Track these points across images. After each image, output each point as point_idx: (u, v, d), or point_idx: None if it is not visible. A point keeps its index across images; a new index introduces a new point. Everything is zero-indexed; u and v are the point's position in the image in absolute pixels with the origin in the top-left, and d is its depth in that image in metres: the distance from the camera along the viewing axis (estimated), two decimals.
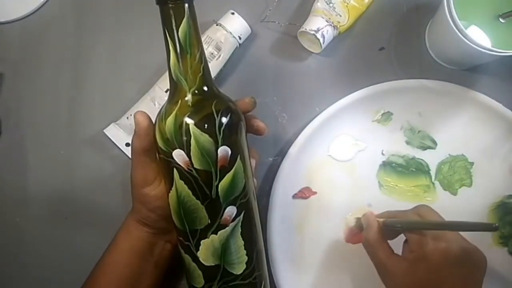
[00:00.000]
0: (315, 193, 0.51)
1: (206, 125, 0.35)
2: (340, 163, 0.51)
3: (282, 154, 0.50)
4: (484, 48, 0.43)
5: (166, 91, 0.49)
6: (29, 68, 0.54)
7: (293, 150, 0.49)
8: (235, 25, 0.49)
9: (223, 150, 0.36)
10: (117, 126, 0.51)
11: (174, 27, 0.36)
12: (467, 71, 0.52)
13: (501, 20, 0.44)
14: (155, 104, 0.49)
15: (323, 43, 0.50)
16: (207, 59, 0.48)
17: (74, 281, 0.43)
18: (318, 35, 0.49)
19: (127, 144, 0.50)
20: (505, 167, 0.50)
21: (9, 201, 0.53)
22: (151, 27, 0.54)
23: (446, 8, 0.43)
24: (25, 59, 0.55)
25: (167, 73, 0.50)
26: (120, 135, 0.50)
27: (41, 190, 0.52)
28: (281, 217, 0.49)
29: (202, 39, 0.49)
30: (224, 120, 0.36)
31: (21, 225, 0.52)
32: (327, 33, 0.49)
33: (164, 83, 0.50)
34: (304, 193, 0.51)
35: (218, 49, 0.49)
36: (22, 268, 0.52)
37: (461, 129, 0.51)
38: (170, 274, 0.46)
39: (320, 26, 0.49)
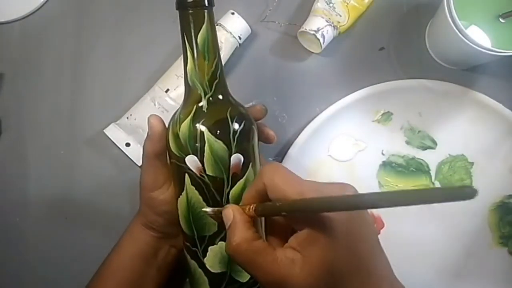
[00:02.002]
0: None
1: (220, 132, 0.35)
2: (340, 163, 0.51)
3: (282, 154, 0.50)
4: (484, 48, 0.43)
5: (166, 91, 0.49)
6: (29, 68, 0.54)
7: (293, 150, 0.49)
8: (235, 25, 0.49)
9: (236, 158, 0.36)
10: (117, 126, 0.51)
11: (193, 33, 0.35)
12: (467, 71, 0.52)
13: (501, 20, 0.44)
14: (155, 104, 0.49)
15: (323, 43, 0.50)
16: None
17: (74, 281, 0.43)
18: (318, 35, 0.49)
19: (127, 144, 0.50)
20: (505, 167, 0.50)
21: (9, 201, 0.53)
22: (151, 27, 0.54)
23: (446, 8, 0.43)
24: (25, 59, 0.55)
25: (167, 73, 0.50)
26: (120, 135, 0.50)
27: (41, 190, 0.52)
28: None
29: None
30: (238, 127, 0.36)
31: (21, 225, 0.52)
32: (327, 33, 0.49)
33: (164, 83, 0.50)
34: None
35: None
36: (22, 268, 0.52)
37: (461, 129, 0.51)
38: (173, 279, 0.46)
39: (320, 26, 0.49)
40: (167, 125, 0.38)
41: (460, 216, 0.50)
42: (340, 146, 0.51)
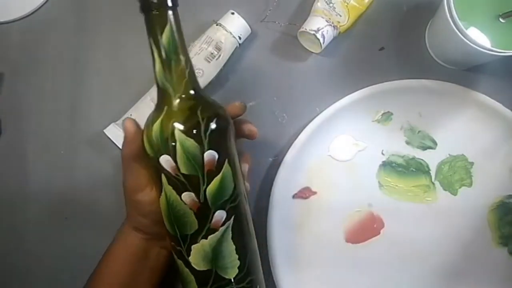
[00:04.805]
0: (315, 193, 0.51)
1: (191, 130, 0.35)
2: (340, 163, 0.51)
3: (282, 154, 0.50)
4: (484, 48, 0.42)
5: None
6: (29, 68, 0.54)
7: (293, 150, 0.49)
8: (235, 25, 0.49)
9: (210, 154, 0.36)
10: (117, 126, 0.51)
11: (158, 34, 0.36)
12: (467, 71, 0.52)
13: (501, 20, 0.44)
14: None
15: (323, 43, 0.50)
16: (207, 59, 0.48)
17: (73, 281, 0.43)
18: (318, 35, 0.49)
19: None
20: (505, 167, 0.50)
21: (9, 201, 0.53)
22: None
23: (446, 8, 0.43)
24: (25, 59, 0.55)
25: None
26: (120, 135, 0.50)
27: (41, 190, 0.53)
28: (281, 217, 0.49)
29: (202, 39, 0.49)
30: (210, 124, 0.36)
31: (21, 225, 0.52)
32: (327, 33, 0.49)
33: None
34: (304, 193, 0.51)
35: (218, 49, 0.49)
36: (22, 268, 0.52)
37: (461, 129, 0.51)
38: (167, 279, 0.46)
39: (320, 26, 0.49)
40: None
41: (460, 216, 0.50)
42: (340, 146, 0.51)
